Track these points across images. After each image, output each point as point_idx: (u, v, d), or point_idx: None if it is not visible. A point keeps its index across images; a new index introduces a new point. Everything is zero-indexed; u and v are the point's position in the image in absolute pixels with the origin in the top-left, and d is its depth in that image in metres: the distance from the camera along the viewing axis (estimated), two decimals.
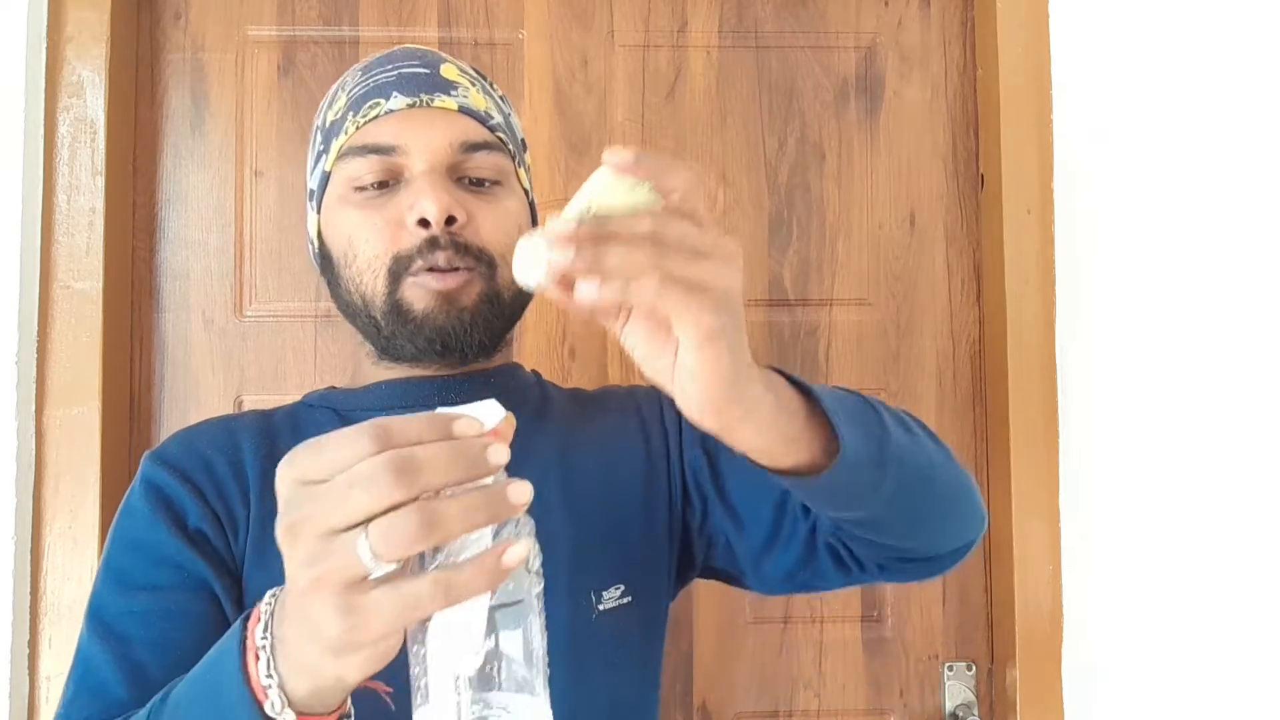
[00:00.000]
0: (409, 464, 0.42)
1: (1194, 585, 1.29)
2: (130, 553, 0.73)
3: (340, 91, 0.81)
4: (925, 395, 1.38)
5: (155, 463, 0.76)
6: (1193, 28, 1.33)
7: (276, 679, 0.49)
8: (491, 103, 0.82)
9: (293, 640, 0.48)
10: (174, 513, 0.73)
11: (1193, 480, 1.30)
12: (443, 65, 0.80)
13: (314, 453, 0.45)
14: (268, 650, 0.49)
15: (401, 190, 0.75)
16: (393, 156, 0.75)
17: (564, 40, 1.37)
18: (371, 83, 0.78)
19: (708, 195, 1.38)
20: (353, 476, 0.42)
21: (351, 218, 0.76)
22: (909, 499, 0.67)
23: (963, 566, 1.37)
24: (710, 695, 1.35)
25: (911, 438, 0.68)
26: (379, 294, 0.75)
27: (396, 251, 0.74)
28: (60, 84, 1.26)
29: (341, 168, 0.77)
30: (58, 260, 1.25)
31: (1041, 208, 1.32)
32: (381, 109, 0.76)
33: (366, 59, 0.82)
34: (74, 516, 1.23)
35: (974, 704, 1.35)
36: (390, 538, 0.42)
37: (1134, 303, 1.31)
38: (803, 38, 1.40)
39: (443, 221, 0.73)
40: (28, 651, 1.21)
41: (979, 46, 1.40)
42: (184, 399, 1.33)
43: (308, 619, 0.45)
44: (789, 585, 0.81)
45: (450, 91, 0.78)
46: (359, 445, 0.43)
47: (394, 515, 0.42)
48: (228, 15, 1.35)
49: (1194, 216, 1.32)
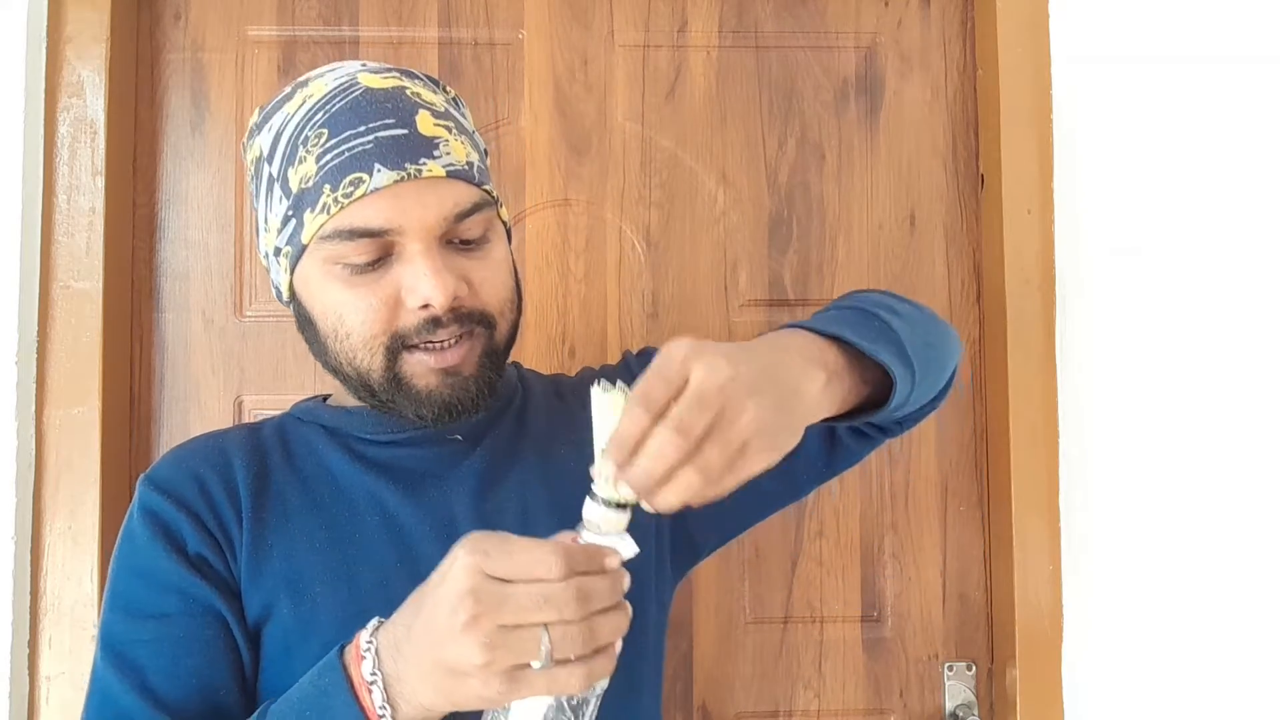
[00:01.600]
0: (585, 594, 0.57)
1: (1194, 585, 1.29)
2: (135, 580, 0.75)
3: (302, 148, 0.73)
4: None
5: (150, 488, 0.77)
6: (1192, 27, 1.33)
7: (390, 710, 0.60)
8: (467, 141, 0.77)
9: (419, 686, 0.60)
10: (173, 539, 0.75)
11: (1193, 480, 1.30)
12: (418, 116, 0.73)
13: (506, 556, 0.57)
14: (380, 684, 0.61)
15: (394, 266, 0.72)
16: (384, 238, 0.71)
17: (564, 40, 1.37)
18: (347, 152, 0.71)
19: None
20: (549, 596, 0.56)
21: (340, 295, 0.73)
22: (928, 374, 0.75)
23: (963, 566, 1.38)
24: (710, 695, 1.35)
25: (906, 320, 0.76)
26: (376, 369, 0.74)
27: (394, 330, 0.73)
28: (60, 84, 1.26)
29: (324, 247, 0.72)
30: (58, 260, 1.25)
31: (1041, 208, 1.32)
32: (366, 187, 0.70)
33: (325, 102, 0.73)
34: (74, 516, 1.23)
35: (974, 704, 1.35)
36: (566, 644, 0.56)
37: (1134, 302, 1.31)
38: (803, 38, 1.40)
39: (449, 305, 0.71)
40: (28, 651, 1.21)
41: (979, 46, 1.40)
42: (184, 399, 1.33)
43: (459, 681, 0.57)
44: (820, 478, 0.91)
45: (434, 153, 0.72)
46: (550, 568, 0.56)
47: (570, 627, 0.56)
48: (228, 15, 1.35)
49: (1194, 216, 1.32)
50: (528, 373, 0.94)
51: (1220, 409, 1.30)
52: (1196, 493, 1.30)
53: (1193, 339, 1.31)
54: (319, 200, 0.71)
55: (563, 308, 1.35)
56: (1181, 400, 1.30)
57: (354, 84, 0.74)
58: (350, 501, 0.79)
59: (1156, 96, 1.33)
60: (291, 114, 0.75)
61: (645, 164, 1.38)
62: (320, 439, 0.82)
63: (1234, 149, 1.32)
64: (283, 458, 0.81)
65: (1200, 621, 1.29)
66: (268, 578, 0.75)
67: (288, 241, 0.75)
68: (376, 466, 0.80)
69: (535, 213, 1.36)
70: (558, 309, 1.35)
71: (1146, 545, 1.30)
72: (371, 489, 0.79)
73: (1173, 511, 1.30)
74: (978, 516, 1.38)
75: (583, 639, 0.56)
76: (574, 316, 1.35)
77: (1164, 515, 1.30)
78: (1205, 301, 1.31)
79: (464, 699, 0.58)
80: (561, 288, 1.36)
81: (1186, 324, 1.31)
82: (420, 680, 0.59)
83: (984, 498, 1.38)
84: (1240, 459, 1.30)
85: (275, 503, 0.78)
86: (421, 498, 0.79)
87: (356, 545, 0.77)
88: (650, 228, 1.37)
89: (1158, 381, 1.31)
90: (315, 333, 0.77)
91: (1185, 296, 1.31)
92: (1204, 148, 1.32)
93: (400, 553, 0.77)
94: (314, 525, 0.77)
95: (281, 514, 0.78)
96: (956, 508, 1.38)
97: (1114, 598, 1.29)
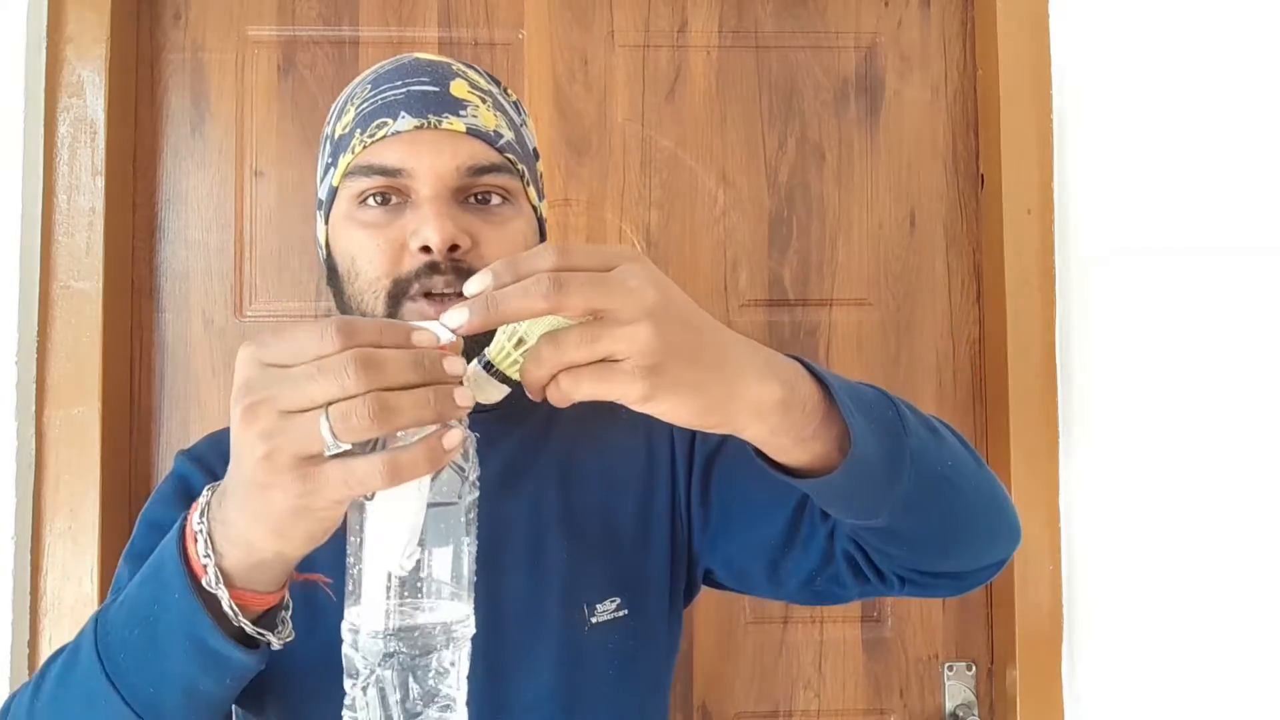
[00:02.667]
0: (372, 360, 0.47)
1: (1194, 585, 1.29)
2: (150, 531, 0.78)
3: (349, 104, 0.79)
4: (925, 395, 1.38)
5: (184, 458, 0.83)
6: (1192, 27, 1.33)
7: (214, 557, 0.54)
8: (503, 119, 0.80)
9: (236, 518, 0.53)
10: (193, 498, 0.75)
11: (1193, 480, 1.30)
12: (453, 82, 0.78)
13: (281, 340, 0.49)
14: (204, 533, 0.55)
15: (407, 212, 0.74)
16: (399, 179, 0.74)
17: (564, 40, 1.37)
18: (380, 100, 0.76)
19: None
20: (321, 365, 0.47)
21: (356, 237, 0.76)
22: (929, 505, 0.64)
23: None
24: (710, 695, 1.34)
25: (937, 439, 0.65)
26: (378, 315, 0.75)
27: (397, 274, 0.74)
28: (60, 84, 1.26)
29: (348, 185, 0.76)
30: (58, 260, 1.25)
31: (1041, 208, 1.32)
32: (389, 129, 0.75)
33: (378, 68, 0.81)
34: (74, 516, 1.23)
35: (974, 704, 1.35)
36: (349, 420, 0.47)
37: (1134, 302, 1.31)
38: (803, 38, 1.40)
39: (445, 249, 0.72)
40: (28, 651, 1.21)
41: (979, 46, 1.40)
42: (184, 399, 1.33)
43: (257, 492, 0.50)
44: (808, 592, 0.79)
45: (459, 111, 0.76)
46: (326, 339, 0.48)
47: (354, 401, 0.47)
48: (228, 15, 1.35)
49: (1194, 216, 1.32)
50: None
51: (1220, 409, 1.30)
52: (1196, 493, 1.30)
53: (1192, 339, 1.31)
54: (350, 144, 0.76)
55: None
56: (1181, 400, 1.30)
57: (408, 56, 0.81)
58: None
59: (1156, 96, 1.33)
60: (353, 85, 0.82)
61: (645, 164, 1.38)
62: None
63: (1234, 149, 1.32)
64: None
65: (1200, 621, 1.29)
66: None
67: (325, 191, 0.79)
68: None
69: None
70: None
71: (1146, 545, 1.30)
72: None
73: (1173, 511, 1.30)
74: None
75: (369, 414, 0.46)
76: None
77: (1164, 515, 1.30)
78: (1205, 301, 1.31)
79: (271, 515, 0.50)
80: None
81: (1186, 324, 1.31)
82: (237, 514, 0.53)
83: None
84: (1240, 459, 1.30)
85: None
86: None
87: None
88: (650, 228, 1.37)
89: (1157, 381, 1.31)
90: (337, 279, 0.79)
91: (1185, 296, 1.31)
92: (1203, 147, 1.32)
93: None
94: None
95: None
96: None
97: (1114, 598, 1.29)
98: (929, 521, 0.66)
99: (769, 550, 0.78)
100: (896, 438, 0.61)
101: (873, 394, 0.63)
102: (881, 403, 0.63)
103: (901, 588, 0.74)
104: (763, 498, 0.78)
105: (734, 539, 0.81)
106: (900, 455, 0.61)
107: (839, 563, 0.75)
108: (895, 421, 0.62)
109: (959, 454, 0.67)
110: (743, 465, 0.76)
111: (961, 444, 0.68)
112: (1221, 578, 1.29)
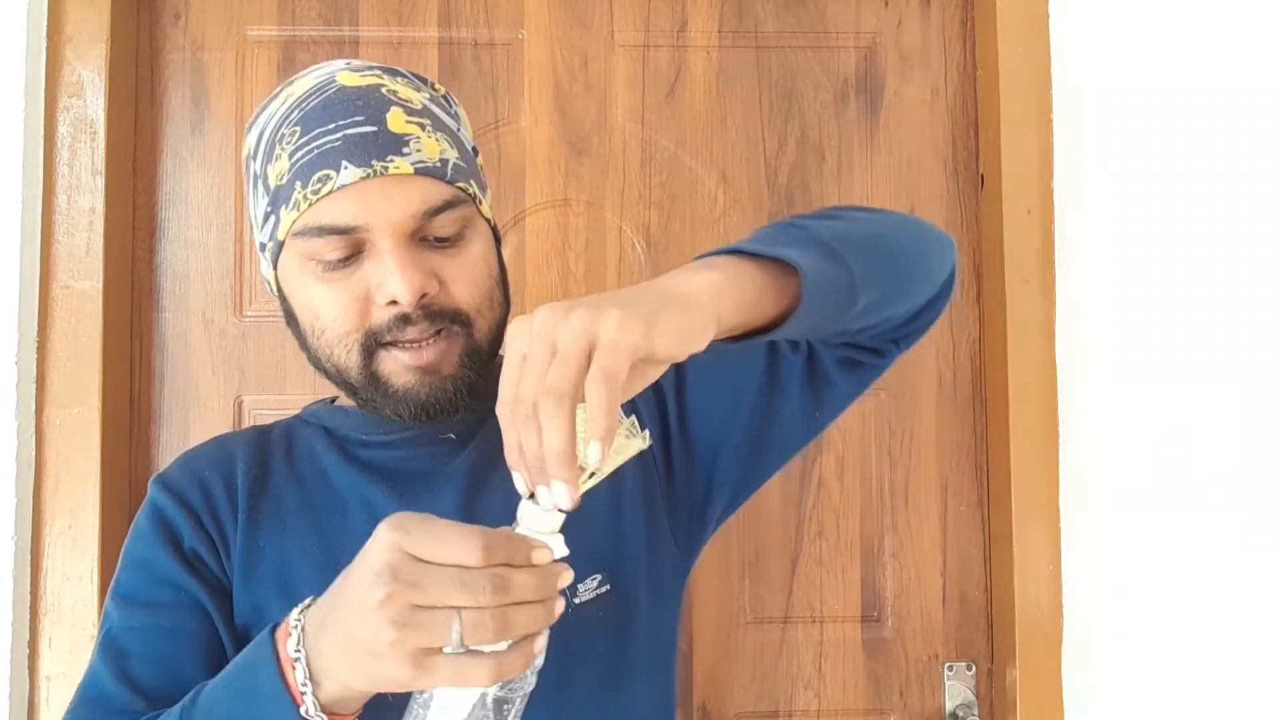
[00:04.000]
0: (506, 584, 0.54)
1: (1194, 585, 1.29)
2: (135, 571, 0.78)
3: (279, 147, 0.74)
4: (925, 395, 1.38)
5: (158, 487, 0.81)
6: (1193, 27, 1.33)
7: (311, 686, 0.59)
8: (445, 138, 0.76)
9: (336, 661, 0.58)
10: (172, 535, 0.78)
11: (1193, 480, 1.30)
12: (389, 114, 0.73)
13: (428, 536, 0.55)
14: (303, 662, 0.59)
15: (366, 263, 0.72)
16: (353, 235, 0.71)
17: (564, 40, 1.37)
18: (315, 149, 0.71)
19: None
20: (464, 579, 0.54)
21: (316, 293, 0.74)
22: (879, 270, 0.71)
23: (963, 566, 1.37)
24: (710, 695, 1.35)
25: (839, 218, 0.73)
26: (353, 366, 0.75)
27: (367, 328, 0.73)
28: (60, 84, 1.26)
29: (298, 244, 0.73)
30: (58, 260, 1.25)
31: (1041, 208, 1.32)
32: (333, 183, 0.70)
33: (301, 99, 0.74)
34: (74, 516, 1.23)
35: (974, 704, 1.35)
36: (478, 631, 0.54)
37: (1134, 302, 1.31)
38: (803, 38, 1.40)
39: (415, 301, 0.71)
40: (28, 651, 1.21)
41: (979, 46, 1.40)
42: (184, 399, 1.33)
43: (368, 658, 0.56)
44: (814, 423, 0.85)
45: (403, 150, 0.72)
46: (470, 552, 0.54)
47: (484, 613, 0.54)
48: (228, 15, 1.35)
49: (1194, 216, 1.32)
50: None
51: (1220, 408, 1.30)
52: (1196, 492, 1.30)
53: (1192, 339, 1.31)
54: (291, 197, 0.72)
55: None
56: (1181, 400, 1.30)
57: (330, 82, 0.75)
58: (342, 504, 0.80)
59: (1156, 96, 1.33)
60: (274, 113, 0.76)
61: (645, 164, 1.38)
62: (320, 441, 0.83)
63: (1234, 149, 1.32)
64: (284, 460, 0.83)
65: (1200, 621, 1.29)
66: (259, 580, 0.77)
67: (270, 237, 0.76)
68: (369, 468, 0.81)
69: (535, 213, 1.36)
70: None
71: (1146, 545, 1.30)
72: (363, 491, 0.80)
73: (1172, 511, 1.30)
74: (978, 516, 1.38)
75: (495, 629, 0.54)
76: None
77: (1164, 515, 1.30)
78: (1205, 301, 1.31)
79: (377, 678, 0.57)
80: (561, 288, 1.36)
81: (1186, 323, 1.31)
82: (339, 656, 0.58)
83: (984, 498, 1.38)
84: (1240, 458, 1.30)
85: (271, 504, 0.80)
86: (410, 499, 0.79)
87: (344, 548, 0.77)
88: (650, 228, 1.37)
89: (1157, 381, 1.31)
90: (297, 328, 0.78)
91: (1185, 296, 1.31)
92: (1204, 147, 1.32)
93: None
94: (306, 528, 0.79)
95: (277, 516, 0.79)
96: (956, 508, 1.38)
97: (1114, 598, 1.29)
98: (885, 279, 0.72)
99: (762, 409, 0.83)
100: (819, 243, 0.68)
101: (771, 229, 0.70)
102: (783, 229, 0.70)
103: (898, 348, 0.82)
104: (732, 375, 0.83)
105: (730, 426, 0.84)
106: (832, 250, 0.67)
107: (831, 375, 0.82)
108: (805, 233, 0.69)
109: (859, 215, 0.76)
110: (700, 373, 0.85)
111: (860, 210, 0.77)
112: (1222, 578, 1.29)
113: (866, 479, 1.37)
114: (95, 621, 1.21)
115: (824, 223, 0.72)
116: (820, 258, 0.66)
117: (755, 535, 1.36)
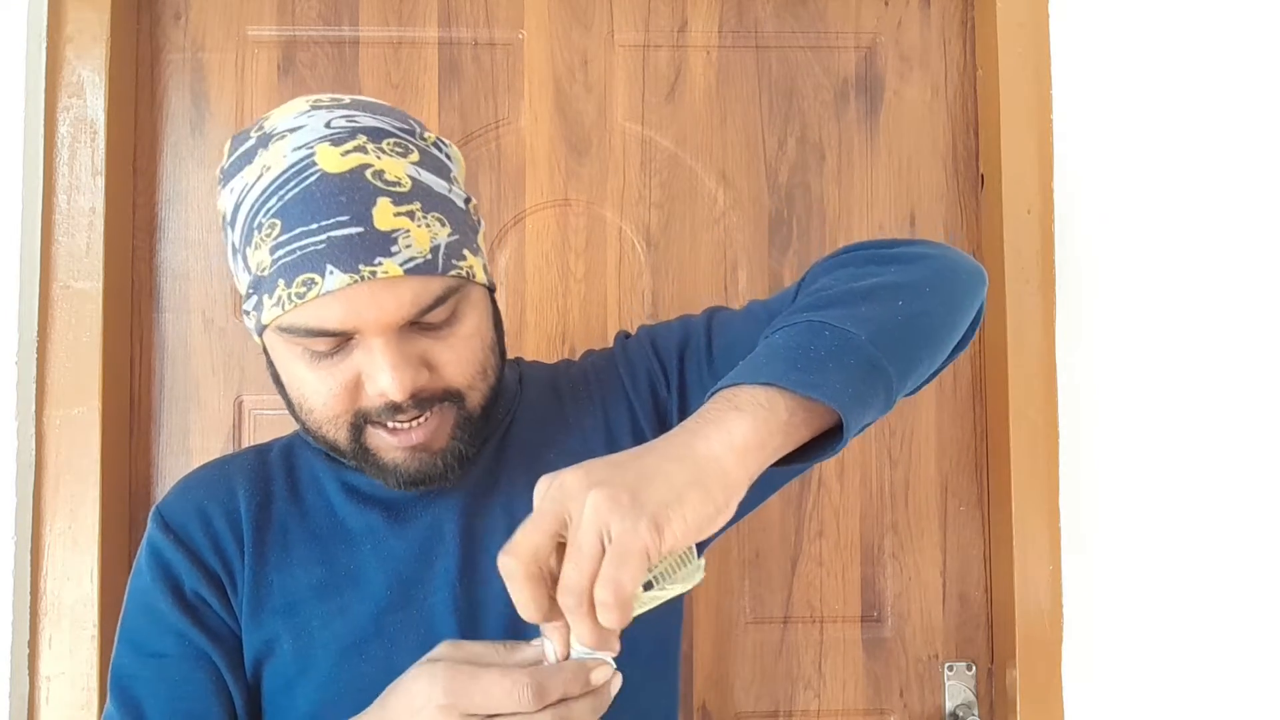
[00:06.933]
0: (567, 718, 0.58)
1: (1194, 585, 1.29)
2: (141, 617, 0.78)
3: (256, 234, 0.69)
4: (925, 395, 1.38)
5: (157, 524, 0.80)
6: (1192, 27, 1.33)
7: None
8: (436, 216, 0.71)
9: None
10: (172, 581, 0.77)
11: (1192, 480, 1.30)
12: (375, 208, 0.68)
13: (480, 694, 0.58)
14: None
15: (355, 352, 0.70)
16: (341, 335, 0.69)
17: (564, 40, 1.37)
18: (298, 250, 0.67)
19: None
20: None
21: (304, 374, 0.72)
22: (919, 358, 0.69)
23: (963, 566, 1.37)
24: (710, 695, 1.35)
25: (877, 303, 0.69)
26: (342, 440, 0.74)
27: (357, 409, 0.72)
28: (60, 84, 1.26)
29: (282, 335, 0.71)
30: (58, 260, 1.25)
31: (1041, 208, 1.32)
32: (319, 289, 0.66)
33: (279, 185, 0.69)
34: (74, 516, 1.23)
35: (974, 704, 1.35)
36: None
37: (1134, 302, 1.31)
38: (803, 38, 1.40)
39: (407, 397, 0.70)
40: (28, 651, 1.21)
41: (979, 46, 1.40)
42: (184, 399, 1.33)
43: None
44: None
45: (391, 250, 0.67)
46: (524, 699, 0.57)
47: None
48: (228, 15, 1.35)
49: (1194, 216, 1.32)
50: (530, 368, 0.94)
51: (1220, 408, 1.30)
52: (1196, 492, 1.30)
53: (1192, 339, 1.31)
54: (275, 292, 0.69)
55: (563, 308, 1.35)
56: (1181, 400, 1.30)
57: (309, 165, 0.68)
58: (346, 533, 0.80)
59: (1156, 96, 1.33)
60: (250, 184, 0.70)
61: (645, 164, 1.38)
62: (321, 465, 0.83)
63: (1233, 149, 1.32)
64: (286, 486, 0.82)
65: (1200, 621, 1.29)
66: (268, 614, 0.77)
67: (254, 307, 0.72)
68: (370, 496, 0.81)
69: (535, 213, 1.36)
70: (558, 309, 1.35)
71: (1146, 545, 1.30)
72: (366, 518, 0.80)
73: (1173, 511, 1.30)
74: (978, 516, 1.38)
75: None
76: (574, 316, 1.35)
77: (1164, 515, 1.30)
78: (1205, 301, 1.31)
79: None
80: (561, 287, 1.36)
81: (1186, 323, 1.31)
82: None
83: (984, 498, 1.38)
84: (1240, 458, 1.30)
85: (276, 534, 0.79)
86: (412, 522, 0.79)
87: (350, 577, 0.78)
88: (650, 228, 1.37)
89: (1157, 381, 1.31)
90: (284, 393, 0.77)
91: (1185, 296, 1.31)
92: (1203, 147, 1.32)
93: (390, 582, 0.78)
94: (311, 558, 0.78)
95: (282, 546, 0.79)
96: (956, 508, 1.38)
97: (1114, 598, 1.29)
98: (924, 363, 0.70)
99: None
100: (855, 350, 0.64)
101: (802, 334, 0.66)
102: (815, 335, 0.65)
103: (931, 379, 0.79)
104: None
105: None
106: (869, 359, 0.64)
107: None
108: (838, 335, 0.65)
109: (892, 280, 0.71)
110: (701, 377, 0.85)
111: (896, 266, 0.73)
112: (1222, 578, 1.29)
113: (866, 479, 1.37)
114: (95, 621, 1.22)
115: (858, 310, 0.68)
116: (859, 373, 0.63)
117: (755, 535, 1.36)
